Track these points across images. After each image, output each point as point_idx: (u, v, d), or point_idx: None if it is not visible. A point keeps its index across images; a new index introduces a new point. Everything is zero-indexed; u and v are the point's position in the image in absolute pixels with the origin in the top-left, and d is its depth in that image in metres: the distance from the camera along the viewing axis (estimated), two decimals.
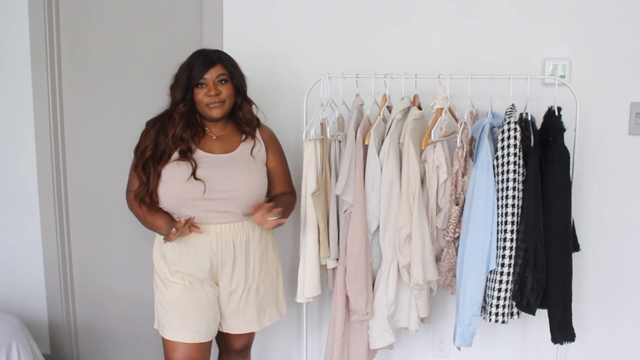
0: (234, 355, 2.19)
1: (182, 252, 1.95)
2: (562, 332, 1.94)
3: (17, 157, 2.83)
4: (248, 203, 1.93)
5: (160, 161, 1.92)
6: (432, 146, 1.98)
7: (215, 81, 1.92)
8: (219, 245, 1.94)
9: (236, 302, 2.01)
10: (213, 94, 1.91)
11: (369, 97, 2.07)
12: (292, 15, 2.41)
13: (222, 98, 1.93)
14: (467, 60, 2.26)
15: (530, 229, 1.86)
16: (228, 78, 1.95)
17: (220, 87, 1.93)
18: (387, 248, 2.00)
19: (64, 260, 2.86)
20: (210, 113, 1.94)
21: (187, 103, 1.93)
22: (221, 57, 1.96)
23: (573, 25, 2.19)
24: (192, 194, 1.90)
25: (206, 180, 1.90)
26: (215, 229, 1.93)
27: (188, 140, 1.94)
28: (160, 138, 1.94)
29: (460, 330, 1.93)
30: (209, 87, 1.91)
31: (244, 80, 2.02)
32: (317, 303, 2.53)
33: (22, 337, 2.40)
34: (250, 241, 1.99)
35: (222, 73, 1.93)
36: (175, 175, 1.91)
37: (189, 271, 1.95)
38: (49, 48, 2.70)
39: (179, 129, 1.93)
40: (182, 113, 1.93)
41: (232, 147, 2.00)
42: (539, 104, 2.08)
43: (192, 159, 1.92)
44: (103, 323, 2.90)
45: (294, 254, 2.52)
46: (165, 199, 1.93)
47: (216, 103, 1.92)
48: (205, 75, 1.91)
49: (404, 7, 2.31)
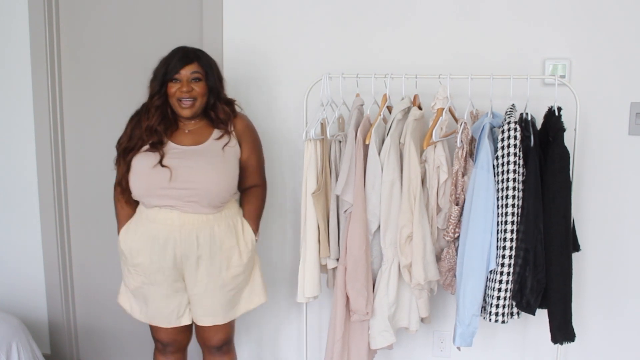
0: (215, 352, 2.17)
1: (146, 242, 1.99)
2: (562, 332, 1.94)
3: (17, 157, 2.83)
4: (213, 196, 1.96)
5: (132, 151, 2.00)
6: (432, 146, 1.98)
7: (189, 78, 1.97)
8: (182, 236, 1.96)
9: (201, 294, 2.03)
10: (185, 90, 1.96)
11: (369, 97, 2.07)
12: (292, 15, 2.41)
13: (194, 95, 1.97)
14: (467, 60, 2.26)
15: (530, 229, 1.86)
16: (202, 77, 1.99)
17: (193, 85, 1.98)
18: (388, 248, 2.00)
19: (64, 260, 2.86)
20: (181, 112, 1.99)
21: (161, 96, 2.00)
22: (199, 56, 2.01)
23: (573, 25, 2.19)
24: (157, 181, 1.95)
25: (172, 169, 1.95)
26: (180, 218, 1.96)
27: (161, 133, 2.00)
28: (136, 131, 2.02)
29: (460, 330, 1.93)
30: (182, 83, 1.97)
31: (220, 82, 2.06)
32: (317, 303, 2.53)
33: (22, 337, 2.40)
34: (216, 235, 1.99)
35: (197, 71, 1.98)
36: (143, 163, 1.97)
37: (151, 262, 1.99)
38: (49, 49, 2.69)
39: (153, 121, 2.00)
40: (157, 106, 2.00)
41: (202, 140, 2.03)
42: (539, 104, 2.08)
43: (161, 150, 1.97)
44: (103, 323, 2.90)
45: (294, 254, 2.53)
46: (134, 188, 1.99)
47: (188, 100, 1.97)
48: (181, 70, 1.96)
49: (404, 7, 2.31)
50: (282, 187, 2.51)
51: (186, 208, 1.96)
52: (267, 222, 2.55)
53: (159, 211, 1.98)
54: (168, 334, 2.14)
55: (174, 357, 2.22)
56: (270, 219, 2.54)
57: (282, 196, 2.52)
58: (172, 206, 1.96)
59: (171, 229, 1.96)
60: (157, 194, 1.96)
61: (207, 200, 1.96)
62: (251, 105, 2.48)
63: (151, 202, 1.98)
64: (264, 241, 2.55)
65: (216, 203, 1.98)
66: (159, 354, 2.23)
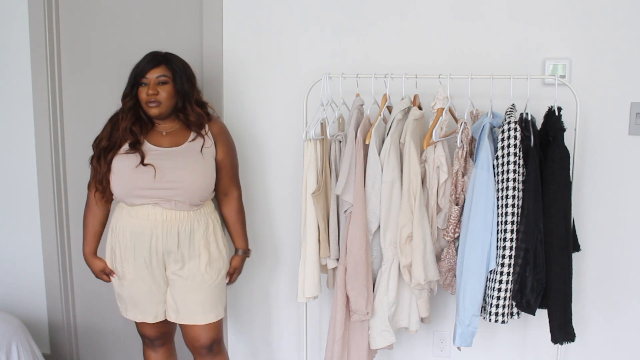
0: (206, 354, 2.16)
1: (131, 238, 2.04)
2: (562, 332, 1.94)
3: (17, 157, 2.83)
4: (194, 195, 2.03)
5: (112, 151, 2.04)
6: (432, 146, 1.98)
7: (156, 81, 2.00)
8: (164, 230, 2.02)
9: (181, 288, 2.07)
10: (151, 93, 1.99)
11: (369, 97, 2.07)
12: (292, 15, 2.40)
13: (159, 99, 2.00)
14: (467, 60, 2.26)
15: (530, 229, 1.86)
16: (169, 80, 2.02)
17: (159, 88, 2.01)
18: (388, 248, 2.00)
19: (64, 260, 2.86)
20: (149, 111, 2.03)
21: (132, 98, 2.04)
22: (168, 59, 2.04)
23: (573, 25, 2.19)
24: (140, 181, 1.99)
25: (155, 168, 2.00)
26: (162, 214, 2.01)
27: (137, 133, 2.04)
28: (114, 132, 2.07)
29: (460, 330, 1.93)
30: (148, 86, 2.00)
31: (191, 85, 2.07)
32: (317, 303, 2.53)
33: (22, 337, 2.40)
34: (195, 231, 2.06)
35: (163, 75, 2.01)
36: (124, 165, 2.01)
37: (135, 257, 2.04)
38: (49, 49, 2.69)
39: (126, 121, 2.05)
40: (129, 107, 2.05)
41: (179, 142, 2.07)
42: (539, 104, 2.08)
43: (140, 150, 2.02)
44: (103, 323, 2.90)
45: (294, 254, 2.53)
46: (115, 189, 2.04)
47: (153, 103, 2.00)
48: (147, 74, 2.00)
49: (405, 7, 2.30)
50: (281, 187, 2.51)
51: (168, 205, 2.01)
52: (267, 222, 2.55)
53: (140, 208, 2.03)
54: (154, 328, 2.20)
55: (163, 349, 2.29)
56: (270, 219, 2.54)
57: (281, 196, 2.52)
58: (155, 203, 2.01)
59: (154, 224, 2.02)
60: (139, 194, 2.01)
61: (189, 199, 2.02)
62: (251, 105, 2.49)
63: (134, 202, 2.03)
64: (264, 241, 2.55)
65: (196, 201, 2.05)
66: (148, 349, 2.30)
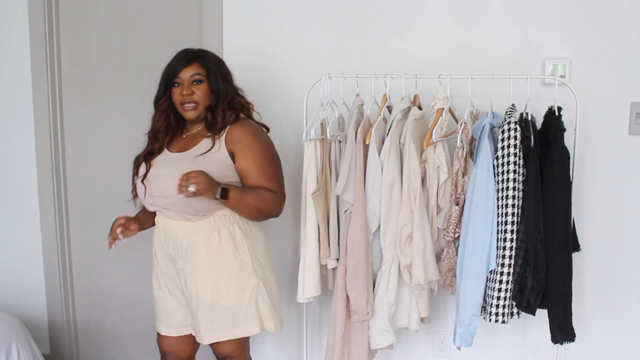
0: None
1: (157, 235, 2.01)
2: (562, 332, 1.94)
3: (17, 157, 2.83)
4: (185, 205, 1.84)
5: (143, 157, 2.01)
6: (432, 146, 1.98)
7: (190, 80, 1.88)
8: (171, 238, 1.94)
9: (187, 303, 1.98)
10: (185, 93, 1.86)
11: (369, 97, 2.07)
12: (292, 15, 2.41)
13: (195, 99, 1.87)
14: (467, 60, 2.26)
15: (530, 229, 1.86)
16: (204, 78, 1.89)
17: (194, 87, 1.88)
18: (388, 248, 2.00)
19: (64, 260, 2.86)
20: (185, 114, 1.92)
21: (166, 100, 1.93)
22: (201, 56, 1.91)
23: (573, 25, 2.19)
24: (141, 189, 1.96)
25: (150, 178, 1.94)
26: (164, 223, 1.96)
27: (162, 141, 1.96)
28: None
29: (460, 330, 1.93)
30: (182, 86, 1.88)
31: (227, 82, 1.93)
32: (317, 303, 2.53)
33: (22, 337, 2.40)
34: (195, 244, 1.88)
35: (197, 73, 1.88)
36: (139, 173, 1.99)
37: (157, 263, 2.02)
38: (49, 50, 2.70)
39: (159, 125, 1.96)
40: (162, 110, 1.95)
41: (189, 146, 1.93)
42: (539, 104, 2.08)
43: (149, 163, 1.95)
44: (103, 323, 2.90)
45: (294, 254, 2.53)
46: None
47: (190, 104, 1.88)
48: (180, 73, 1.88)
49: (405, 6, 2.31)
50: None
51: (167, 214, 1.93)
52: (267, 222, 2.54)
53: (157, 215, 2.00)
54: (169, 342, 2.07)
55: None
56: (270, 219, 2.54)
57: None
58: (159, 211, 1.98)
59: (164, 233, 1.97)
60: (146, 201, 1.98)
61: (181, 209, 1.87)
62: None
63: (148, 207, 2.02)
64: None
65: (189, 212, 1.87)
66: None
